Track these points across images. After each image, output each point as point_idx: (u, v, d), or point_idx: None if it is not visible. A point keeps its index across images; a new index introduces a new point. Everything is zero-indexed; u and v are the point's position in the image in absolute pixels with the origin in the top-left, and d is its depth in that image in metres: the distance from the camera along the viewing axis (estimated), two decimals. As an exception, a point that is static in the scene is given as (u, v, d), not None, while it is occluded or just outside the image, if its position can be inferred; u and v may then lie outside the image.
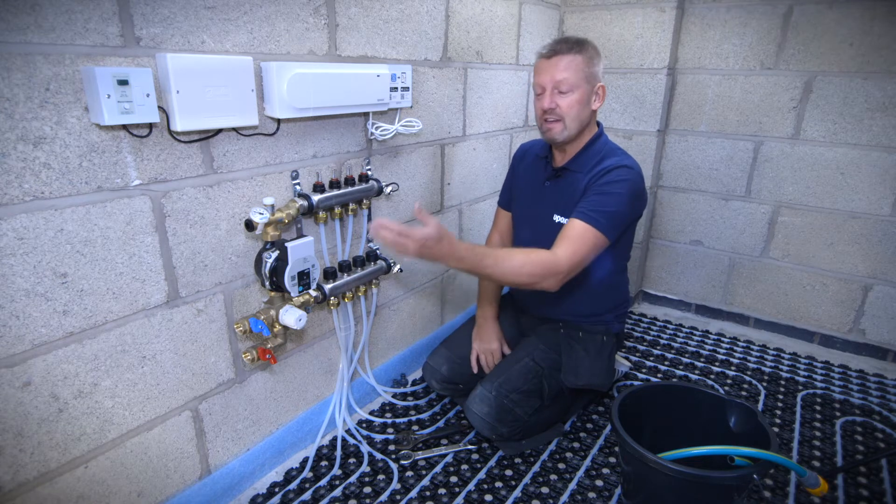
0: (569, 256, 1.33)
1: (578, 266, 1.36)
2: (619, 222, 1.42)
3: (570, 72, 1.41)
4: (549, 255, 1.33)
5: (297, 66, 1.22)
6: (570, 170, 1.54)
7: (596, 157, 1.50)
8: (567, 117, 1.44)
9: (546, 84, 1.44)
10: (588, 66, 1.43)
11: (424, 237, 1.14)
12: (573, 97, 1.43)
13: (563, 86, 1.42)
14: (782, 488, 1.47)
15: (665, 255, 2.58)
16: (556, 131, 1.47)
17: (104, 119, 0.92)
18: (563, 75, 1.41)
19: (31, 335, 0.96)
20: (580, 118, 1.46)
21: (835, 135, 2.10)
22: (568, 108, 1.43)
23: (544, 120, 1.47)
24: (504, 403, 1.49)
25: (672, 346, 2.26)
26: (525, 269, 1.28)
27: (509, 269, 1.28)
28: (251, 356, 1.31)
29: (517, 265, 1.28)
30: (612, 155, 1.50)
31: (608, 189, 1.41)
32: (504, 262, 1.28)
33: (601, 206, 1.39)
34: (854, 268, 2.17)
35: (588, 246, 1.37)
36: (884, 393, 1.95)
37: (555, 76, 1.42)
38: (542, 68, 1.46)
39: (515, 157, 1.77)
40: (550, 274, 1.31)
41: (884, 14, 1.91)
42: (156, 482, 1.23)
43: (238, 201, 1.24)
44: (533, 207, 1.65)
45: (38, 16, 0.86)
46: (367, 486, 1.44)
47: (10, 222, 0.90)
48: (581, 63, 1.42)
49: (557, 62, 1.42)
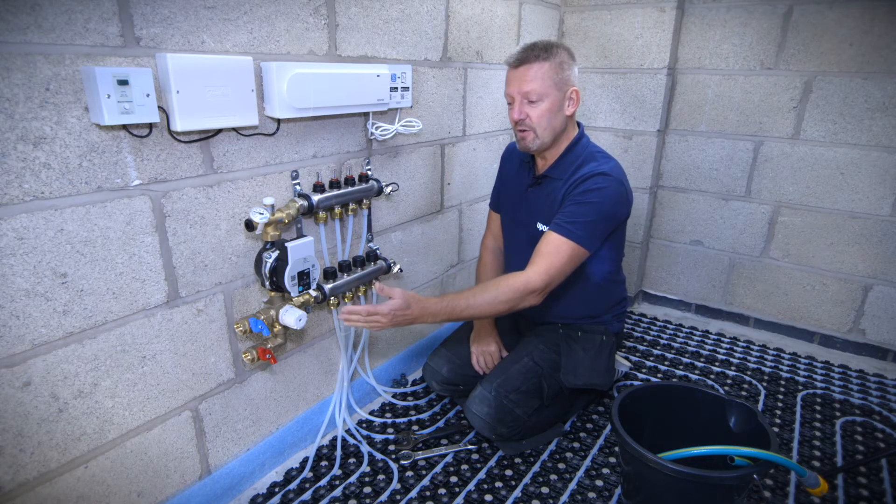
0: (542, 273, 1.35)
1: (556, 279, 1.37)
2: (597, 231, 1.41)
3: (537, 81, 1.38)
4: (520, 278, 1.35)
5: (297, 66, 1.22)
6: (550, 177, 1.53)
7: (575, 163, 1.48)
8: (538, 127, 1.42)
9: (514, 94, 1.42)
10: (557, 72, 1.39)
11: (392, 310, 1.20)
12: (543, 106, 1.40)
13: (532, 95, 1.39)
14: (782, 488, 1.47)
15: (665, 255, 2.58)
16: (529, 140, 1.46)
17: (104, 119, 0.92)
18: (531, 86, 1.38)
19: (31, 335, 0.96)
20: (552, 126, 1.44)
21: (835, 135, 2.10)
22: (538, 119, 1.41)
23: (517, 130, 1.46)
24: (504, 403, 1.49)
25: (672, 346, 2.26)
26: (499, 299, 1.32)
27: (485, 305, 1.32)
28: (251, 356, 1.31)
29: (490, 299, 1.32)
30: (591, 160, 1.47)
31: (584, 199, 1.40)
32: (477, 301, 1.31)
33: (577, 217, 1.38)
34: (854, 268, 2.17)
35: (563, 259, 1.37)
36: (884, 393, 1.95)
37: (522, 87, 1.39)
38: (510, 78, 1.43)
39: (503, 157, 1.76)
40: (525, 294, 1.33)
41: (884, 14, 1.91)
42: (156, 482, 1.23)
43: (238, 201, 1.24)
44: (518, 214, 1.64)
45: (38, 16, 0.86)
46: (367, 486, 1.44)
47: (10, 222, 0.90)
48: (549, 70, 1.38)
49: (525, 72, 1.39)
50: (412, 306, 1.23)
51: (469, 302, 1.31)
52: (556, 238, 1.38)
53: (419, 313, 1.25)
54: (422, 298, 1.26)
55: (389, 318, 1.22)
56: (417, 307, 1.24)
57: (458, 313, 1.30)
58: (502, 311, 1.35)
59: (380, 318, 1.21)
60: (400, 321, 1.24)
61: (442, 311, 1.28)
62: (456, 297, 1.31)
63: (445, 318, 1.30)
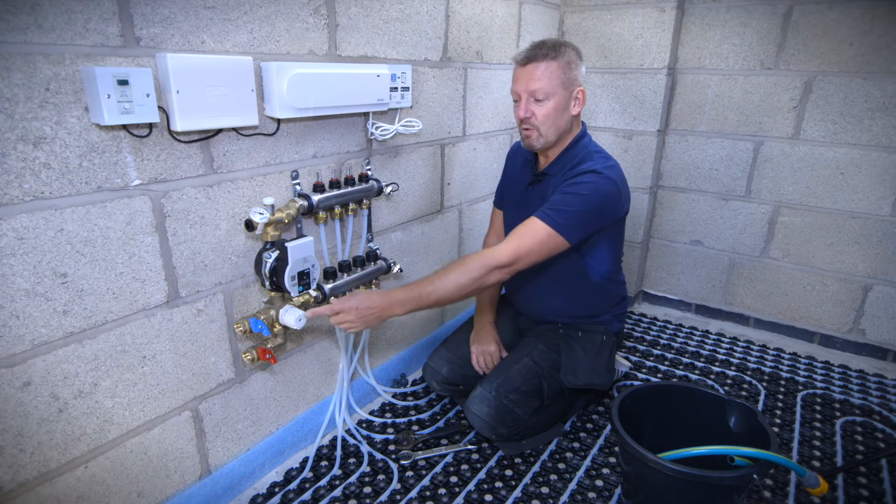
0: (510, 250, 1.33)
1: (524, 259, 1.35)
2: (579, 222, 1.37)
3: (545, 80, 1.38)
4: (484, 253, 1.35)
5: (297, 66, 1.22)
6: (549, 174, 1.53)
7: (573, 161, 1.48)
8: (542, 126, 1.43)
9: (521, 92, 1.42)
10: (565, 71, 1.39)
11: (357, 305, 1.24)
12: (549, 105, 1.40)
13: (539, 94, 1.39)
14: (782, 488, 1.47)
15: (665, 255, 2.58)
16: (533, 138, 1.46)
17: (104, 119, 0.92)
18: (538, 84, 1.38)
19: (31, 335, 0.96)
20: (557, 125, 1.44)
21: (835, 135, 2.10)
22: (544, 118, 1.41)
23: (522, 128, 1.47)
24: (504, 403, 1.49)
25: (672, 346, 2.26)
26: (464, 277, 1.31)
27: (450, 286, 1.31)
28: (251, 356, 1.31)
29: (454, 278, 1.31)
30: (589, 159, 1.46)
31: (570, 189, 1.39)
32: (443, 282, 1.30)
33: (561, 206, 1.37)
34: (854, 268, 2.17)
35: (536, 241, 1.35)
36: (884, 393, 1.95)
37: (529, 85, 1.39)
38: (517, 76, 1.43)
39: (508, 156, 1.77)
40: (490, 269, 1.32)
41: (884, 14, 1.91)
42: (156, 482, 1.23)
43: (238, 201, 1.24)
44: (519, 211, 1.63)
45: (38, 16, 0.86)
46: (367, 486, 1.44)
47: (10, 222, 0.90)
48: (557, 69, 1.38)
49: (533, 70, 1.39)
50: (372, 296, 1.27)
51: (435, 285, 1.30)
52: (535, 221, 1.36)
53: (385, 303, 1.27)
54: (386, 291, 1.29)
55: (355, 313, 1.24)
56: (382, 299, 1.27)
57: (426, 299, 1.30)
58: (470, 289, 1.33)
59: (345, 315, 1.24)
60: (367, 315, 1.25)
61: (409, 299, 1.28)
62: (421, 282, 1.31)
63: (414, 305, 1.29)
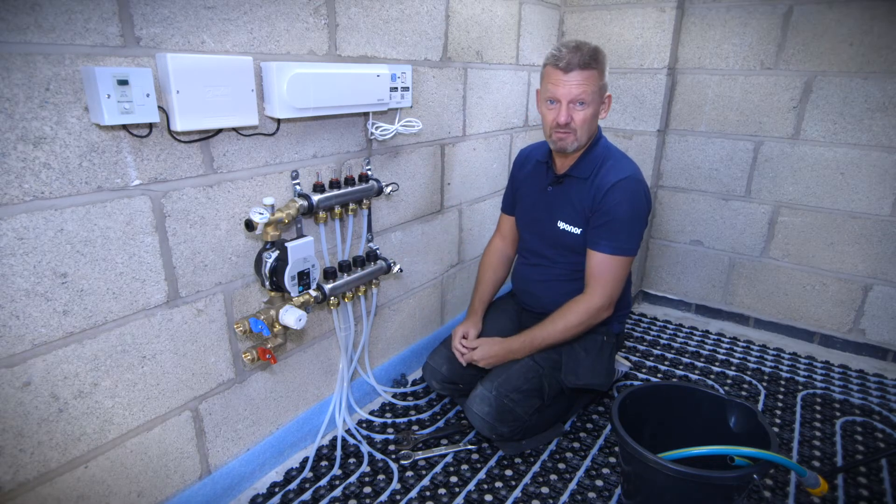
0: (602, 294, 1.50)
1: (616, 291, 1.52)
2: (635, 235, 1.50)
3: (588, 88, 1.41)
4: (584, 303, 1.51)
5: (297, 66, 1.22)
6: (572, 176, 1.56)
7: (597, 162, 1.53)
8: (580, 130, 1.46)
9: (562, 98, 1.43)
10: (602, 78, 1.44)
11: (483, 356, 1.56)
12: (588, 111, 1.44)
13: (582, 101, 1.42)
14: (782, 488, 1.47)
15: (665, 254, 2.58)
16: (569, 142, 1.48)
17: (104, 119, 0.92)
18: (583, 92, 1.41)
19: (31, 335, 0.96)
20: (591, 129, 1.49)
21: (835, 135, 2.10)
22: (582, 123, 1.45)
23: (557, 132, 1.47)
24: (504, 403, 1.49)
25: (672, 346, 2.26)
26: (571, 324, 1.52)
27: (559, 333, 1.53)
28: (251, 356, 1.31)
29: (562, 329, 1.52)
30: (610, 158, 1.53)
31: (619, 212, 1.46)
32: (552, 332, 1.53)
33: (617, 232, 1.47)
34: (854, 268, 2.17)
35: (617, 274, 1.50)
36: (884, 393, 1.95)
37: (572, 91, 1.41)
38: (558, 80, 1.42)
39: (515, 165, 1.78)
40: (596, 315, 1.52)
41: (884, 14, 1.91)
42: (156, 482, 1.23)
43: (238, 201, 1.24)
44: (536, 213, 1.66)
45: (38, 16, 0.86)
46: (367, 486, 1.44)
47: (10, 222, 0.90)
48: (598, 77, 1.42)
49: (576, 77, 1.40)
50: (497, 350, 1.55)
51: (546, 334, 1.53)
52: (606, 259, 1.48)
53: (504, 353, 1.55)
54: (503, 340, 1.57)
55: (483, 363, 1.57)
56: (502, 349, 1.55)
57: (537, 345, 1.54)
58: (580, 333, 1.56)
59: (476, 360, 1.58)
60: (490, 360, 1.56)
61: (523, 348, 1.55)
62: (531, 332, 1.55)
63: (529, 351, 1.55)
